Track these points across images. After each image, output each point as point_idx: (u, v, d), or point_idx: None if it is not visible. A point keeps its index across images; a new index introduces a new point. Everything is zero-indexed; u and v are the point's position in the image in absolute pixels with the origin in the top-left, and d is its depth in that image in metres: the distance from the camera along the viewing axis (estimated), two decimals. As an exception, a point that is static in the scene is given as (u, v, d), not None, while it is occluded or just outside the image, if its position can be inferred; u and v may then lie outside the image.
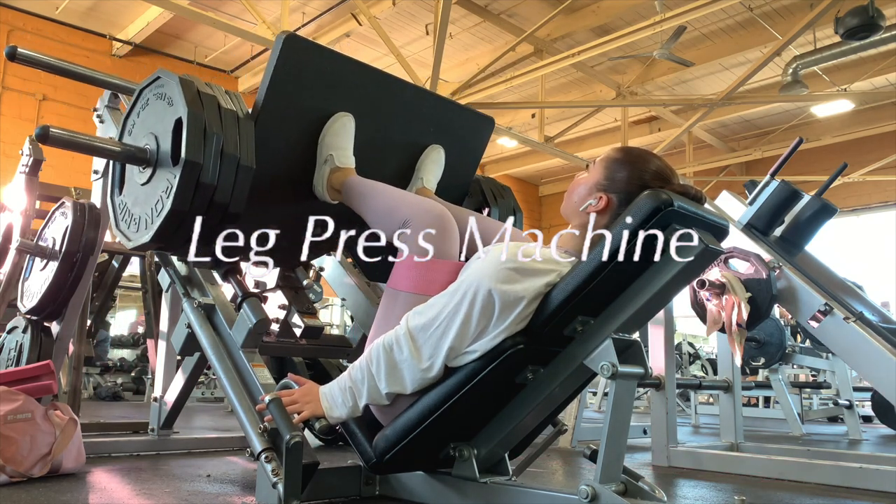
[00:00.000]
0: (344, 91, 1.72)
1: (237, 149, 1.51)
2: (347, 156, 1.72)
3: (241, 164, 1.51)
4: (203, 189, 1.48)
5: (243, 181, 1.52)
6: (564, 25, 8.00)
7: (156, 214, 1.53)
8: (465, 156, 2.07)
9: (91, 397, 6.23)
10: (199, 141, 1.46)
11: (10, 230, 2.86)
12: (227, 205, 1.52)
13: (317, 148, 1.73)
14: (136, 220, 1.62)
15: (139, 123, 1.65)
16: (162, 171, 1.54)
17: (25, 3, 7.99)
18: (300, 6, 7.92)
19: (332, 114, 1.72)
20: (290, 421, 1.41)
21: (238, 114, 1.55)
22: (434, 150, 1.95)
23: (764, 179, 2.80)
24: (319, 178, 1.73)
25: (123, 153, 1.59)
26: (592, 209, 1.42)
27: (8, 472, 1.63)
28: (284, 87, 1.63)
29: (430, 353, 1.36)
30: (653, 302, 1.32)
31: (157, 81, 1.62)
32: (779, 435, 4.43)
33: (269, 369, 1.68)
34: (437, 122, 1.94)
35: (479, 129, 2.07)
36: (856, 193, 10.49)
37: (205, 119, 1.48)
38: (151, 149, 1.57)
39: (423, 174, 1.93)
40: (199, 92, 1.52)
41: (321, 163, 1.72)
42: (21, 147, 2.81)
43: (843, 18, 6.35)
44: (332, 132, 1.71)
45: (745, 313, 2.52)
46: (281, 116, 1.65)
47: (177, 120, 1.50)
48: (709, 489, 2.05)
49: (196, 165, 1.46)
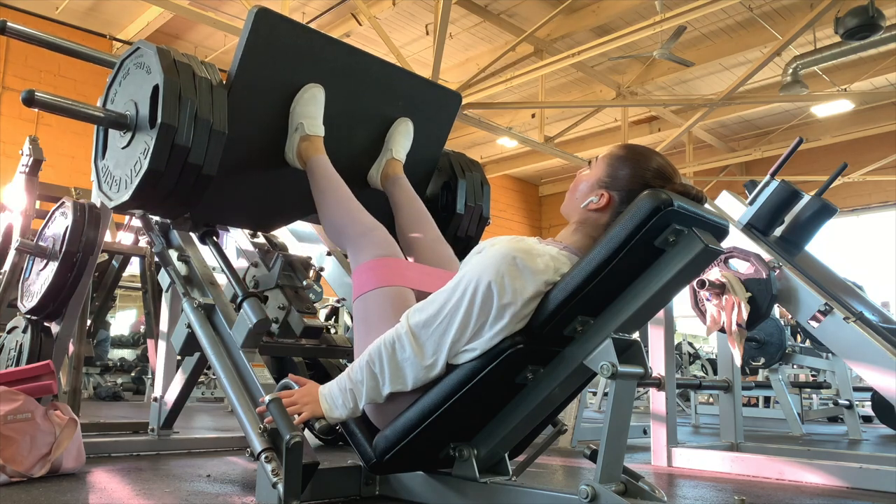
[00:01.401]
0: (314, 63, 1.82)
1: (210, 114, 1.60)
2: (317, 124, 1.82)
3: (213, 128, 1.61)
4: (178, 150, 1.57)
5: (216, 145, 1.62)
6: (564, 25, 7.99)
7: (134, 174, 1.63)
8: (433, 130, 2.16)
9: (91, 397, 6.23)
10: (174, 105, 1.56)
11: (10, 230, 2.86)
12: (200, 166, 1.61)
13: (288, 117, 1.82)
14: (116, 181, 1.72)
15: (120, 91, 1.74)
16: (140, 134, 1.63)
17: (25, 3, 7.99)
18: (300, 6, 7.92)
19: (302, 85, 1.82)
20: (290, 421, 1.41)
21: (212, 82, 1.64)
22: (403, 123, 2.04)
23: (764, 179, 2.80)
24: (290, 146, 1.83)
25: (106, 118, 1.68)
26: (594, 206, 1.42)
27: (8, 472, 1.63)
28: (256, 58, 1.71)
29: (433, 350, 1.36)
30: (653, 302, 1.32)
31: (136, 52, 1.71)
32: (779, 435, 4.43)
33: (269, 369, 1.69)
34: (405, 96, 2.03)
35: (446, 104, 2.17)
36: (856, 193, 10.49)
37: (180, 85, 1.58)
38: (131, 114, 1.66)
39: (393, 146, 2.02)
40: (175, 60, 1.61)
41: (292, 130, 1.82)
42: (21, 147, 2.81)
43: (843, 18, 6.35)
44: (303, 102, 1.81)
45: (745, 313, 2.52)
46: (253, 86, 1.74)
47: (154, 86, 1.59)
48: (709, 489, 2.05)
49: (171, 128, 1.55)
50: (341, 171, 1.81)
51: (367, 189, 2.06)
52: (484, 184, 2.30)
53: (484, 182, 2.30)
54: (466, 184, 2.24)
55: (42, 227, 2.41)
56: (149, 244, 2.31)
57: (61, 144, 7.50)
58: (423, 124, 2.09)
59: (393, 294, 1.55)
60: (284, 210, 2.12)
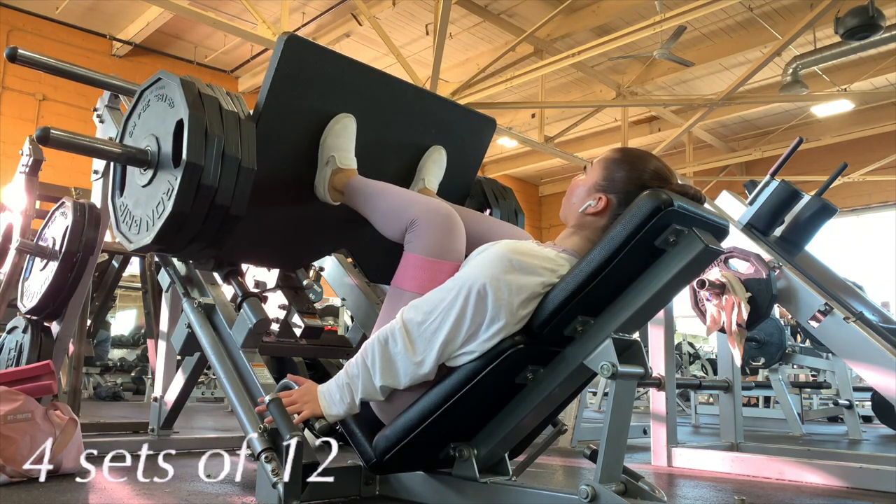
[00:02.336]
0: (345, 92, 1.72)
1: (238, 150, 1.50)
2: (349, 157, 1.71)
3: (242, 165, 1.51)
4: (204, 191, 1.47)
5: (244, 183, 1.52)
6: (564, 25, 8.00)
7: (157, 216, 1.52)
8: (467, 157, 2.07)
9: (91, 397, 6.23)
10: (200, 143, 1.46)
11: (10, 230, 2.85)
12: (228, 206, 1.51)
13: (318, 149, 1.72)
14: (136, 222, 1.61)
15: (140, 125, 1.65)
16: (163, 172, 1.53)
17: (25, 3, 7.99)
18: (300, 6, 7.92)
19: (333, 115, 1.72)
20: (290, 421, 1.41)
21: (239, 115, 1.54)
22: (436, 151, 1.95)
23: (764, 179, 2.79)
24: (321, 180, 1.72)
25: (124, 155, 1.58)
26: (592, 210, 1.42)
27: (8, 472, 1.63)
28: (285, 88, 1.62)
29: (423, 348, 1.36)
30: (653, 302, 1.32)
31: (158, 83, 1.61)
32: (779, 435, 4.43)
33: (269, 369, 1.68)
34: (438, 124, 1.94)
35: (480, 131, 2.07)
36: (856, 193, 10.49)
37: (206, 121, 1.48)
38: (152, 150, 1.56)
39: (426, 175, 1.92)
40: (200, 93, 1.52)
41: (322, 164, 1.71)
42: (21, 147, 2.81)
43: (843, 18, 6.35)
44: (334, 133, 1.71)
45: (745, 313, 2.52)
46: (282, 118, 1.65)
47: (178, 121, 1.50)
48: (709, 489, 2.05)
49: (197, 167, 1.45)
50: None
51: None
52: (518, 212, 2.20)
53: (518, 210, 2.20)
54: (500, 212, 2.14)
55: (42, 227, 2.41)
56: (149, 244, 2.30)
57: (61, 144, 7.49)
58: (456, 151, 1.99)
59: None
60: (312, 246, 1.99)
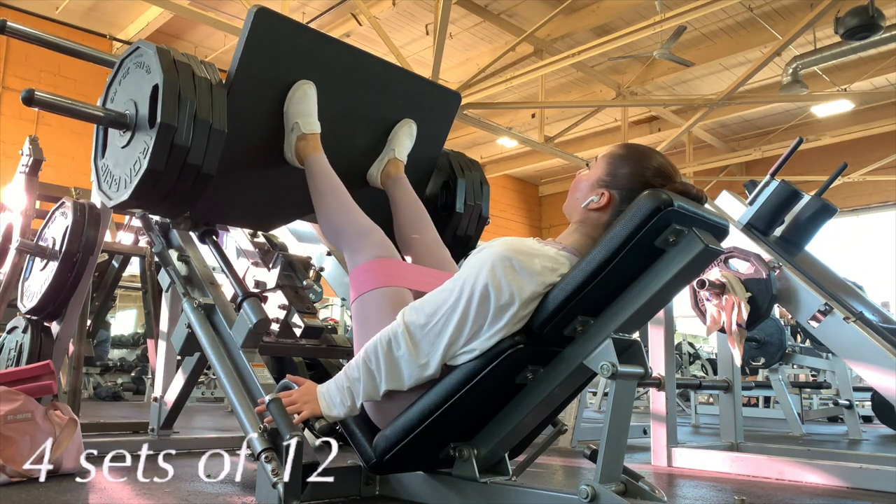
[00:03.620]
0: (313, 63, 1.82)
1: (210, 114, 1.60)
2: (312, 122, 1.81)
3: (213, 128, 1.61)
4: (177, 150, 1.57)
5: (215, 144, 1.62)
6: (564, 25, 7.99)
7: (134, 174, 1.62)
8: (434, 130, 2.17)
9: (91, 397, 6.23)
10: (173, 105, 1.56)
11: (10, 230, 2.86)
12: (199, 166, 1.61)
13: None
14: (115, 181, 1.72)
15: (120, 91, 1.74)
16: (140, 134, 1.63)
17: (25, 3, 7.99)
18: (300, 6, 7.92)
19: None
20: (290, 421, 1.41)
21: (211, 81, 1.64)
22: (407, 124, 2.05)
23: (764, 179, 2.79)
24: (288, 146, 1.83)
25: (106, 118, 1.68)
26: (594, 206, 1.42)
27: (8, 472, 1.63)
28: (255, 58, 1.72)
29: (427, 350, 1.36)
30: (653, 302, 1.32)
31: (136, 51, 1.71)
32: (779, 435, 4.43)
33: (269, 369, 1.68)
34: (406, 96, 2.04)
35: (447, 105, 2.18)
36: (856, 193, 10.49)
37: (179, 85, 1.58)
38: (131, 114, 1.66)
39: (396, 146, 2.03)
40: (174, 60, 1.61)
41: (288, 131, 1.82)
42: (21, 147, 2.81)
43: (843, 18, 6.35)
44: (295, 101, 1.80)
45: (745, 313, 2.52)
46: (253, 86, 1.74)
47: (154, 86, 1.59)
48: (709, 489, 2.05)
49: (171, 128, 1.55)
50: (341, 170, 1.81)
51: (367, 188, 2.06)
52: (483, 183, 2.30)
53: (483, 181, 2.30)
54: (466, 183, 2.24)
55: (42, 227, 2.41)
56: (149, 244, 2.31)
57: (61, 144, 7.49)
58: (423, 124, 2.10)
59: (391, 294, 1.55)
60: (284, 209, 2.12)
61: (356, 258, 1.64)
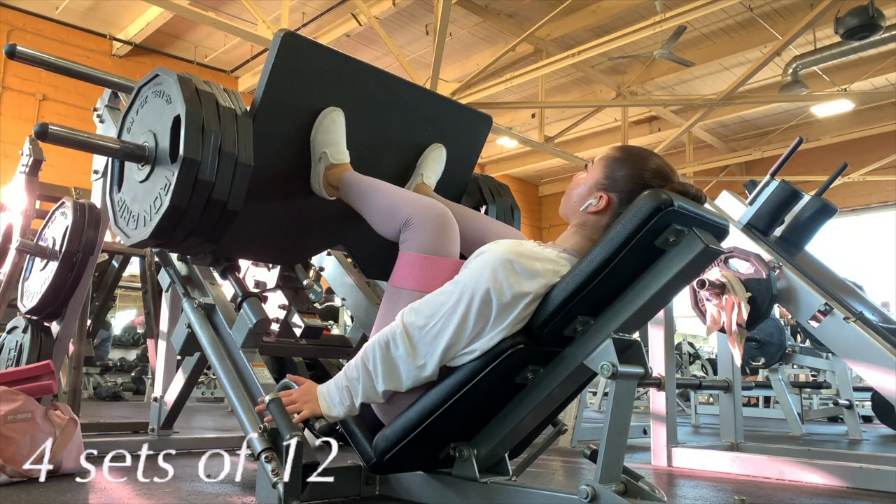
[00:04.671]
0: (341, 89, 1.73)
1: (235, 146, 1.51)
2: (341, 151, 1.72)
3: (238, 161, 1.51)
4: (201, 186, 1.48)
5: (241, 178, 1.53)
6: (564, 25, 8.00)
7: (154, 211, 1.53)
8: (464, 154, 2.08)
9: (91, 397, 6.23)
10: (197, 138, 1.47)
11: (10, 230, 2.85)
12: (225, 202, 1.52)
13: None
14: (134, 217, 1.62)
15: (138, 121, 1.65)
16: (160, 168, 1.54)
17: (25, 3, 7.99)
18: (300, 6, 7.92)
19: None
20: (290, 421, 1.41)
21: (236, 111, 1.55)
22: (436, 149, 1.96)
23: (764, 179, 2.79)
24: (315, 176, 1.73)
25: (122, 150, 1.58)
26: (593, 209, 1.42)
27: (8, 472, 1.63)
28: (282, 85, 1.63)
29: (424, 352, 1.36)
30: (653, 302, 1.32)
31: (155, 79, 1.62)
32: (779, 435, 4.43)
33: (269, 369, 1.68)
34: (435, 121, 1.95)
35: (476, 128, 2.08)
36: (856, 193, 10.49)
37: (203, 117, 1.48)
38: (150, 146, 1.57)
39: (424, 171, 1.93)
40: (197, 90, 1.53)
41: (315, 160, 1.72)
42: (21, 147, 2.81)
43: (843, 18, 6.35)
44: (323, 129, 1.71)
45: (745, 313, 2.52)
46: (279, 114, 1.66)
47: (175, 117, 1.50)
48: (709, 489, 2.05)
49: (194, 163, 1.46)
50: None
51: None
52: (514, 209, 2.20)
53: (514, 207, 2.20)
54: (497, 209, 2.14)
55: (42, 227, 2.41)
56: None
57: (61, 144, 7.48)
58: (453, 149, 2.01)
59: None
60: (311, 241, 1.99)
61: (410, 238, 1.50)
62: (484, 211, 2.14)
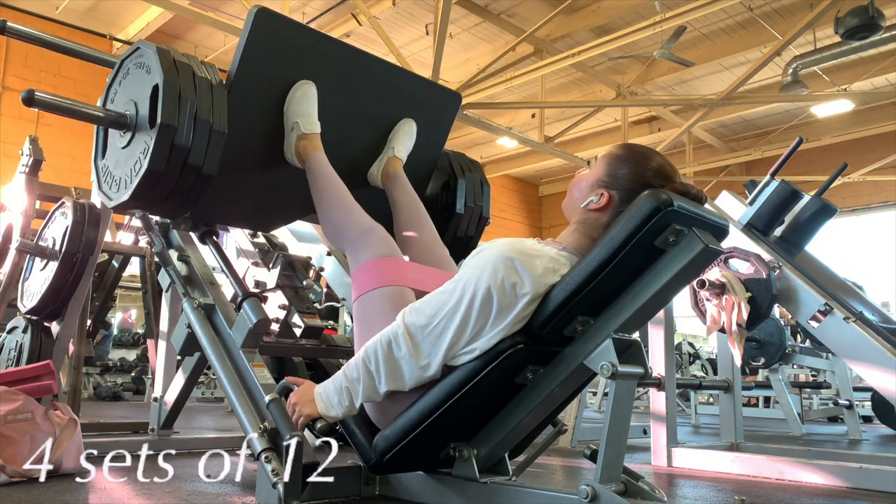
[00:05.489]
0: (314, 63, 1.82)
1: (210, 114, 1.60)
2: (312, 122, 1.82)
3: (213, 128, 1.60)
4: (177, 150, 1.57)
5: (216, 144, 1.61)
6: (564, 25, 7.99)
7: (134, 174, 1.62)
8: (434, 130, 2.17)
9: (91, 397, 6.23)
10: (174, 106, 1.56)
11: (10, 230, 2.86)
12: (200, 166, 1.61)
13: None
14: (116, 181, 1.71)
15: (120, 91, 1.74)
16: (140, 134, 1.63)
17: (25, 3, 7.99)
18: (300, 6, 7.92)
19: None
20: (290, 421, 1.41)
21: (212, 81, 1.64)
22: (407, 123, 2.06)
23: (764, 179, 2.79)
24: (288, 145, 1.83)
25: (106, 118, 1.67)
26: (594, 206, 1.42)
27: (8, 472, 1.63)
28: (256, 58, 1.72)
29: (428, 351, 1.36)
30: (653, 302, 1.32)
31: (136, 52, 1.70)
32: (779, 435, 4.43)
33: (269, 369, 1.69)
34: (406, 96, 2.04)
35: (447, 104, 2.18)
36: (856, 193, 10.49)
37: (180, 85, 1.57)
38: (131, 114, 1.66)
39: (395, 144, 2.04)
40: (175, 60, 1.61)
41: (288, 131, 1.82)
42: (21, 147, 2.81)
43: (843, 18, 6.35)
44: (296, 100, 1.81)
45: (745, 313, 2.52)
46: (253, 86, 1.75)
47: (154, 86, 1.59)
48: (709, 489, 2.05)
49: (171, 128, 1.55)
50: (342, 170, 1.81)
51: (368, 188, 2.06)
52: (484, 184, 2.30)
53: (484, 182, 2.30)
54: (466, 184, 2.24)
55: (42, 227, 2.41)
56: (149, 244, 2.31)
57: (61, 144, 7.49)
58: (423, 124, 2.10)
59: (393, 294, 1.55)
60: (284, 209, 2.12)
61: (358, 257, 1.64)
62: (454, 185, 2.24)
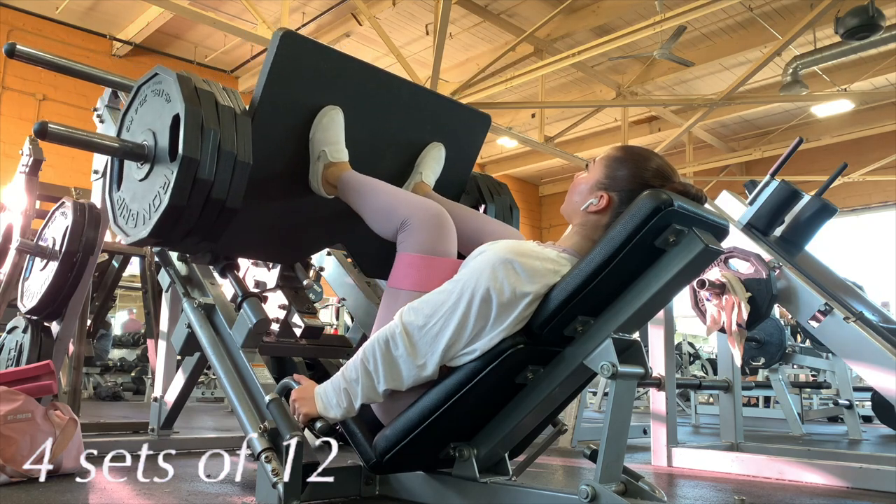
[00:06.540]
0: (340, 88, 1.73)
1: (234, 145, 1.51)
2: (340, 150, 1.72)
3: (238, 160, 1.52)
4: (200, 185, 1.48)
5: (240, 177, 1.53)
6: (564, 25, 8.00)
7: (153, 210, 1.53)
8: (462, 153, 2.08)
9: (91, 397, 6.23)
10: (196, 137, 1.47)
11: (10, 230, 2.85)
12: (224, 200, 1.52)
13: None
14: (133, 216, 1.62)
15: (137, 119, 1.66)
16: (160, 166, 1.54)
17: (25, 2, 7.99)
18: (300, 6, 7.92)
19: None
20: (290, 421, 1.41)
21: (235, 110, 1.55)
22: (435, 148, 1.96)
23: (764, 179, 2.79)
24: (314, 175, 1.73)
25: (122, 149, 1.59)
26: (594, 208, 1.42)
27: (8, 472, 1.63)
28: (281, 83, 1.64)
29: (424, 351, 1.36)
30: (653, 302, 1.32)
31: (154, 78, 1.62)
32: (779, 435, 4.43)
33: (269, 369, 1.68)
34: (434, 120, 1.95)
35: (475, 127, 2.08)
36: (856, 193, 10.49)
37: (202, 115, 1.49)
38: (149, 145, 1.57)
39: (423, 169, 1.93)
40: (196, 88, 1.53)
41: (314, 159, 1.72)
42: (21, 147, 2.81)
43: (843, 18, 6.35)
44: (322, 127, 1.71)
45: (745, 313, 2.52)
46: (277, 113, 1.66)
47: (174, 116, 1.51)
48: (709, 489, 2.05)
49: (193, 161, 1.46)
50: None
51: None
52: (513, 207, 2.20)
53: (513, 206, 2.21)
54: (496, 207, 2.15)
55: (42, 227, 2.41)
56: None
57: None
58: (452, 148, 2.01)
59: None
60: (310, 239, 2.00)
61: (408, 239, 1.51)
62: (483, 210, 2.14)
